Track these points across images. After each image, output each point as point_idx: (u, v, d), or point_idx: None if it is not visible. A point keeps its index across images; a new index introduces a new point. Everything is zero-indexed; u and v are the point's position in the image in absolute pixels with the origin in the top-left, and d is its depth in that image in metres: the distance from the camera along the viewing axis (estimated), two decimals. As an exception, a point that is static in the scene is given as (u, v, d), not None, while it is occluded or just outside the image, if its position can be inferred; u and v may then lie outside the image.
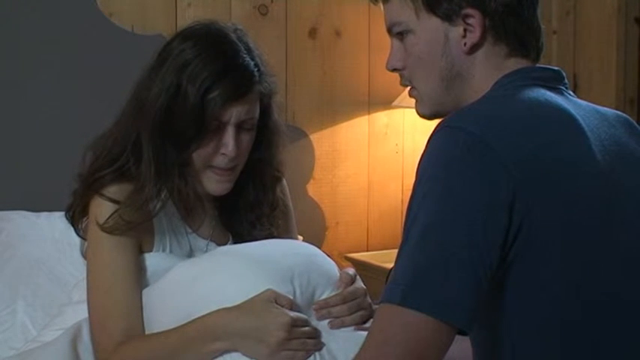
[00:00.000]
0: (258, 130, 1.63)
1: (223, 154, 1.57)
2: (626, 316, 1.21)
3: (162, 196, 1.58)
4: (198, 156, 1.57)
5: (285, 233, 1.78)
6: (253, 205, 1.69)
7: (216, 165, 1.58)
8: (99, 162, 1.60)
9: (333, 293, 1.50)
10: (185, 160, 1.57)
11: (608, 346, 1.20)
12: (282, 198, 1.77)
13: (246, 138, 1.60)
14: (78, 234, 1.65)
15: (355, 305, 1.49)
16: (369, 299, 1.53)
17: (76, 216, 1.62)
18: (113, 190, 1.56)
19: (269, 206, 1.71)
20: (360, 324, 1.48)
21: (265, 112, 1.64)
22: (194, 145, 1.56)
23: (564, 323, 1.17)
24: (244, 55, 1.58)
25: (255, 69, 1.59)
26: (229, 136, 1.56)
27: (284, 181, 1.79)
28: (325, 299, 1.49)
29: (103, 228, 1.53)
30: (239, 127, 1.58)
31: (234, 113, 1.56)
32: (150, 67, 1.60)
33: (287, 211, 1.80)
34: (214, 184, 1.60)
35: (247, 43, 1.61)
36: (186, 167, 1.59)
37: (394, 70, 1.36)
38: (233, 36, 1.60)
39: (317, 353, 1.41)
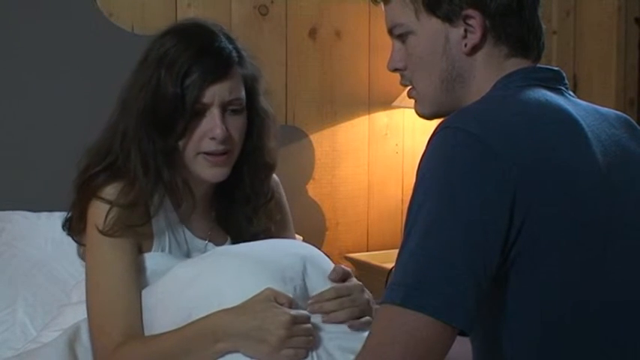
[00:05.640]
0: (247, 118, 1.62)
1: (212, 138, 1.56)
2: (625, 316, 1.21)
3: (158, 194, 1.57)
4: (187, 143, 1.57)
5: (283, 232, 1.78)
6: (249, 197, 1.69)
7: (207, 150, 1.57)
8: (88, 161, 1.60)
9: (328, 286, 1.51)
10: (173, 148, 1.57)
11: (607, 347, 1.20)
12: (277, 192, 1.77)
13: (236, 121, 1.59)
14: (76, 241, 1.65)
15: (348, 301, 1.49)
16: (366, 295, 1.53)
17: (74, 225, 1.62)
18: (107, 191, 1.56)
19: (264, 196, 1.71)
20: (352, 319, 1.48)
21: (251, 96, 1.63)
22: (180, 133, 1.55)
23: (563, 323, 1.17)
24: (221, 40, 1.59)
25: (234, 52, 1.59)
26: (215, 118, 1.55)
27: (276, 178, 1.79)
28: (320, 292, 1.50)
29: (102, 231, 1.53)
30: (225, 110, 1.57)
31: (216, 94, 1.55)
32: (133, 68, 1.61)
33: (283, 207, 1.80)
34: (208, 169, 1.59)
35: (227, 33, 1.62)
36: (176, 156, 1.58)
37: (395, 70, 1.36)
38: (212, 27, 1.61)
39: (314, 353, 1.41)
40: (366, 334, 1.19)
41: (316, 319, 1.46)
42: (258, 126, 1.66)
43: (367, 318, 1.48)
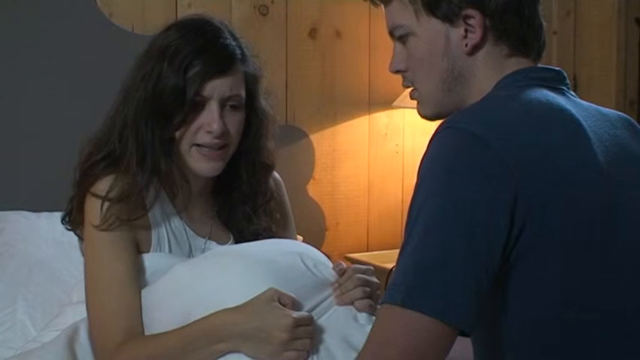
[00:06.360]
0: (246, 117, 1.63)
1: (208, 131, 1.56)
2: (625, 317, 1.21)
3: (154, 186, 1.57)
4: (183, 135, 1.57)
5: (284, 232, 1.78)
6: (247, 197, 1.69)
7: (202, 143, 1.57)
8: (89, 150, 1.61)
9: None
10: (170, 138, 1.57)
11: (608, 347, 1.20)
12: (277, 192, 1.77)
13: (234, 117, 1.59)
14: (76, 234, 1.65)
15: (363, 280, 1.50)
16: (375, 278, 1.54)
17: (74, 218, 1.62)
18: (100, 186, 1.56)
19: (263, 196, 1.71)
20: (363, 298, 1.49)
21: (251, 96, 1.63)
22: (178, 124, 1.55)
23: (564, 324, 1.17)
24: (226, 37, 1.59)
25: (238, 49, 1.59)
26: (213, 112, 1.55)
27: (279, 177, 1.79)
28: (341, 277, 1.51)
29: (98, 227, 1.53)
30: (224, 105, 1.57)
31: (216, 88, 1.55)
32: (137, 59, 1.61)
33: (284, 207, 1.80)
34: (201, 163, 1.58)
35: (232, 31, 1.62)
36: (173, 147, 1.58)
37: (397, 71, 1.36)
38: (217, 24, 1.61)
39: (315, 356, 1.41)
40: (369, 329, 1.19)
41: (318, 320, 1.46)
42: (256, 126, 1.66)
43: (370, 301, 1.49)
